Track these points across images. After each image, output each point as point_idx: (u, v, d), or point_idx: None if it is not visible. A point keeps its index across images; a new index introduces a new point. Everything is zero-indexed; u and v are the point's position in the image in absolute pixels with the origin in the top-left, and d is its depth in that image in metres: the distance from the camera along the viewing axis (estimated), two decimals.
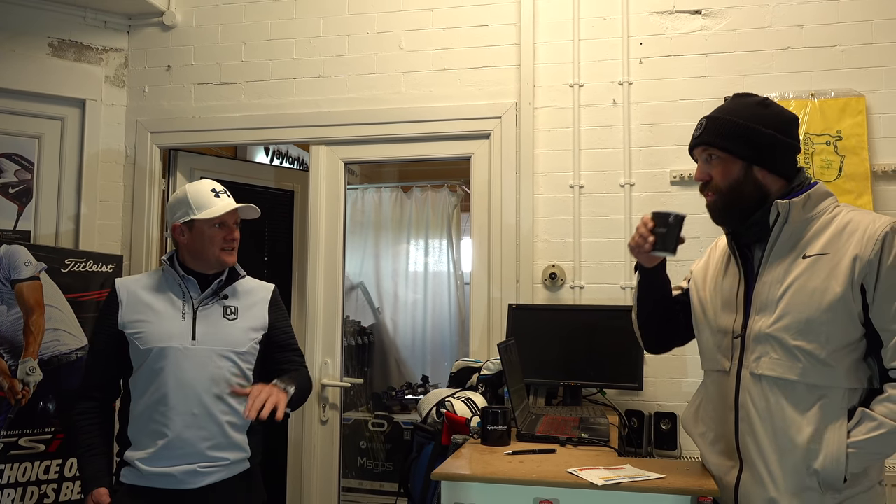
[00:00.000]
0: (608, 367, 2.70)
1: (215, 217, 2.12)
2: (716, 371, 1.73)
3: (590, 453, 1.95)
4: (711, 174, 1.66)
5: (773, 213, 1.62)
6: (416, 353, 5.15)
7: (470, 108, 3.13)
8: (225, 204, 2.15)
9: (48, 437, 2.88)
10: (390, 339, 5.17)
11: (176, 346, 2.06)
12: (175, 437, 2.01)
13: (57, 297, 2.95)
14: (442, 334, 5.16)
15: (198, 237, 2.13)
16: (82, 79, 3.40)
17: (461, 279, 5.27)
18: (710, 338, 1.76)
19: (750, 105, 1.66)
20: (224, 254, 2.15)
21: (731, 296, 1.70)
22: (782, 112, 1.68)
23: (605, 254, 2.97)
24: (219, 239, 2.13)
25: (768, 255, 1.64)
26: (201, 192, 2.16)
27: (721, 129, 1.64)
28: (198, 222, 2.12)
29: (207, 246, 2.13)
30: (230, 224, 2.16)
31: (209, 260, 2.15)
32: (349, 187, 4.60)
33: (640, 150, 2.97)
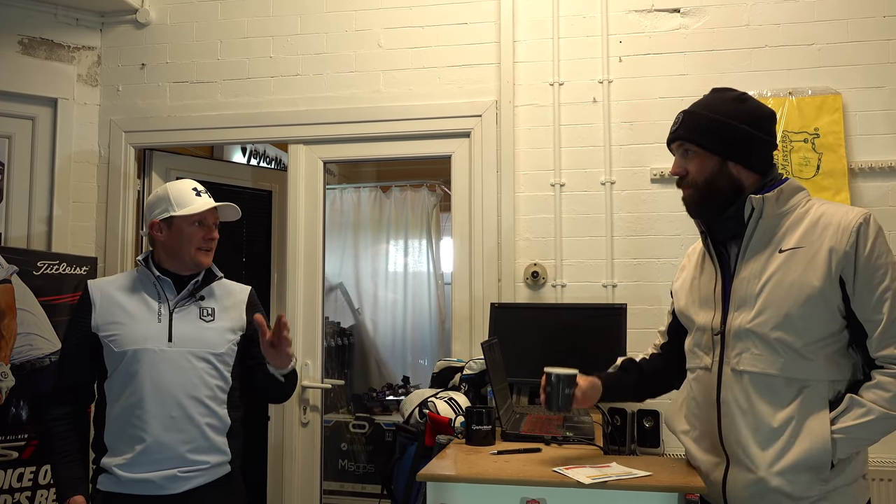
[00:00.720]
0: (591, 365, 2.67)
1: (196, 214, 2.07)
2: (698, 369, 1.73)
3: (575, 452, 1.94)
4: (688, 169, 1.67)
5: (748, 208, 1.62)
6: (397, 354, 5.12)
7: (450, 106, 3.11)
8: (205, 202, 2.11)
9: (21, 444, 2.81)
10: (370, 340, 5.14)
11: (152, 348, 2.01)
12: (153, 442, 1.97)
13: (29, 300, 2.88)
14: (422, 334, 5.14)
15: (176, 235, 2.09)
16: (54, 77, 3.33)
17: (441, 279, 5.26)
18: (691, 338, 1.76)
19: (727, 100, 1.67)
20: (200, 254, 2.11)
21: (708, 293, 1.71)
22: (759, 108, 1.68)
23: (587, 252, 2.97)
24: (197, 238, 2.09)
25: (744, 251, 1.64)
26: (182, 190, 2.12)
27: (697, 125, 1.65)
28: (177, 219, 2.08)
29: (185, 244, 2.09)
30: (209, 224, 2.13)
31: (185, 259, 2.10)
32: (327, 187, 4.57)
33: (621, 148, 2.98)
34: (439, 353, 5.19)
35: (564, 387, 1.75)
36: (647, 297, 2.90)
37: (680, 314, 1.83)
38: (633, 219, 2.95)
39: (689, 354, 1.79)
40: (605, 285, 2.94)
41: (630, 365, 1.97)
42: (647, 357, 1.97)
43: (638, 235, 2.94)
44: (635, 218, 2.95)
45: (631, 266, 2.94)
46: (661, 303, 2.89)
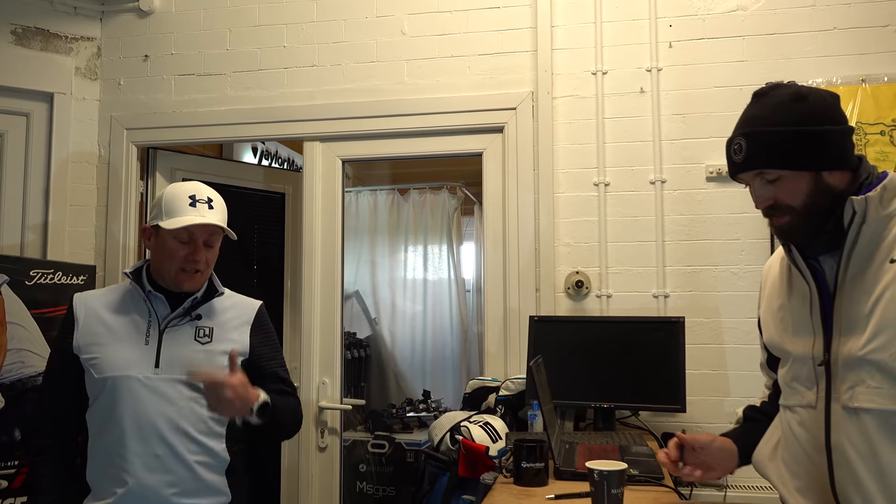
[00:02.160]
0: (645, 386, 2.40)
1: (179, 229, 1.78)
2: (798, 407, 1.44)
3: (643, 494, 1.65)
4: (776, 196, 1.38)
5: (849, 212, 1.34)
6: (416, 367, 4.83)
7: (481, 98, 2.82)
8: (193, 216, 1.78)
9: (12, 472, 2.55)
10: (388, 352, 4.85)
11: (135, 375, 1.74)
12: (136, 484, 1.70)
13: (21, 312, 2.63)
14: (443, 346, 4.84)
15: (160, 247, 1.82)
16: (50, 70, 3.07)
17: (463, 286, 4.97)
18: (787, 370, 1.48)
19: (785, 105, 1.36)
20: (182, 276, 1.81)
21: (803, 316, 1.42)
22: (822, 98, 1.38)
23: (635, 259, 2.68)
24: (179, 256, 1.79)
25: (846, 264, 1.36)
26: (177, 197, 1.82)
27: (771, 147, 1.35)
28: (162, 230, 1.80)
29: (166, 260, 1.81)
30: (198, 241, 1.81)
31: (165, 277, 1.83)
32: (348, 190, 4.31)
33: (672, 144, 2.68)
34: (461, 366, 4.90)
35: (611, 486, 1.49)
36: (703, 309, 2.60)
37: (771, 345, 1.54)
38: (687, 221, 2.65)
39: (785, 389, 1.50)
40: (655, 295, 2.64)
41: (753, 413, 1.66)
42: (766, 400, 1.67)
43: (692, 240, 2.64)
44: (689, 220, 2.65)
45: (685, 274, 2.64)
46: (720, 315, 2.59)
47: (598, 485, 1.50)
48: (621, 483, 1.50)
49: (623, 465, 1.52)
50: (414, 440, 3.92)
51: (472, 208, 5.29)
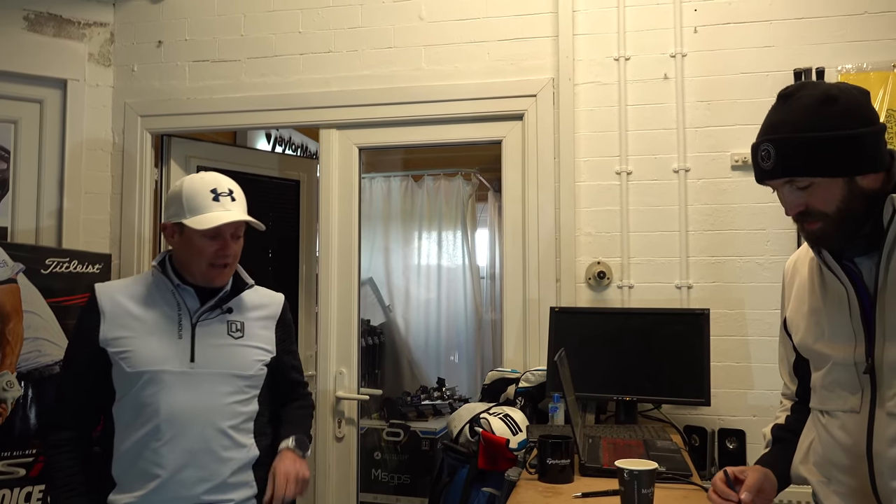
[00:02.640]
0: (668, 378, 2.36)
1: (206, 229, 1.74)
2: (840, 411, 1.40)
3: (671, 492, 1.62)
4: (808, 203, 1.32)
5: (888, 211, 1.29)
6: (430, 354, 4.82)
7: (500, 85, 2.77)
8: (220, 215, 1.75)
9: (29, 461, 2.54)
10: (402, 339, 4.83)
11: (170, 369, 1.72)
12: (169, 479, 1.68)
13: (37, 301, 2.61)
14: (458, 333, 4.83)
15: (186, 244, 1.78)
16: (63, 56, 3.03)
17: (477, 273, 4.94)
18: (825, 374, 1.43)
19: (815, 108, 1.29)
20: (213, 271, 1.78)
21: (842, 320, 1.38)
22: (853, 97, 1.31)
23: (658, 249, 2.63)
24: (209, 253, 1.76)
25: (886, 263, 1.31)
26: (198, 192, 1.78)
27: (802, 154, 1.29)
28: (188, 228, 1.76)
29: (195, 258, 1.77)
30: (226, 236, 1.78)
31: (194, 273, 1.79)
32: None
33: (696, 131, 2.62)
34: (476, 353, 4.88)
35: (641, 486, 1.46)
36: (727, 301, 2.56)
37: (803, 349, 1.50)
38: (711, 211, 2.60)
39: (822, 393, 1.45)
40: (678, 286, 2.60)
41: (782, 433, 1.61)
42: (790, 412, 1.62)
43: (716, 230, 2.59)
44: (713, 210, 2.60)
45: (708, 265, 2.59)
46: (744, 306, 2.55)
47: (628, 484, 1.47)
48: (651, 483, 1.47)
49: (654, 465, 1.49)
50: (429, 428, 3.91)
51: (486, 194, 5.25)
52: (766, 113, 2.56)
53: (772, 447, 1.59)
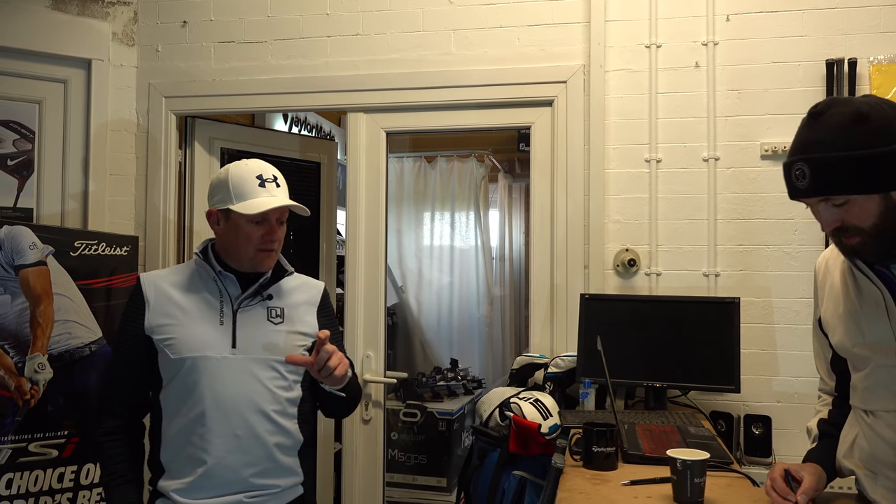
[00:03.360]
0: (697, 365, 2.40)
1: (254, 214, 1.76)
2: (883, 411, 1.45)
3: (714, 480, 1.65)
4: (844, 219, 1.35)
5: None
6: (443, 335, 4.85)
7: (530, 71, 2.77)
8: (266, 201, 1.77)
9: (61, 442, 2.57)
10: (414, 320, 4.87)
11: (213, 355, 1.74)
12: (216, 464, 1.71)
13: (66, 283, 2.62)
14: (470, 314, 4.86)
15: (233, 230, 1.80)
16: (87, 36, 3.00)
17: (489, 254, 4.97)
18: (866, 375, 1.47)
19: (847, 127, 1.30)
20: (260, 255, 1.80)
21: (881, 322, 1.42)
22: (883, 112, 1.32)
23: (686, 237, 2.65)
24: (255, 238, 1.78)
25: None
26: (244, 179, 1.79)
27: (837, 174, 1.31)
28: (234, 214, 1.77)
29: (242, 243, 1.79)
30: (272, 221, 1.80)
31: (241, 259, 1.81)
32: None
33: (727, 120, 2.64)
34: (487, 334, 4.92)
35: (694, 476, 1.50)
36: (754, 289, 2.59)
37: (842, 350, 1.54)
38: (740, 200, 2.62)
39: (864, 393, 1.49)
40: (706, 274, 2.62)
41: (827, 428, 1.64)
42: (831, 406, 1.66)
43: (745, 219, 2.61)
44: (742, 199, 2.62)
45: (736, 253, 2.62)
46: (771, 295, 2.58)
47: (680, 474, 1.50)
48: (703, 472, 1.51)
49: (705, 455, 1.52)
50: (445, 409, 3.96)
51: (497, 175, 5.26)
52: (796, 103, 2.59)
53: (819, 442, 1.63)
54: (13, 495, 2.45)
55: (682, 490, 1.50)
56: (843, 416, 1.60)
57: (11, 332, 2.49)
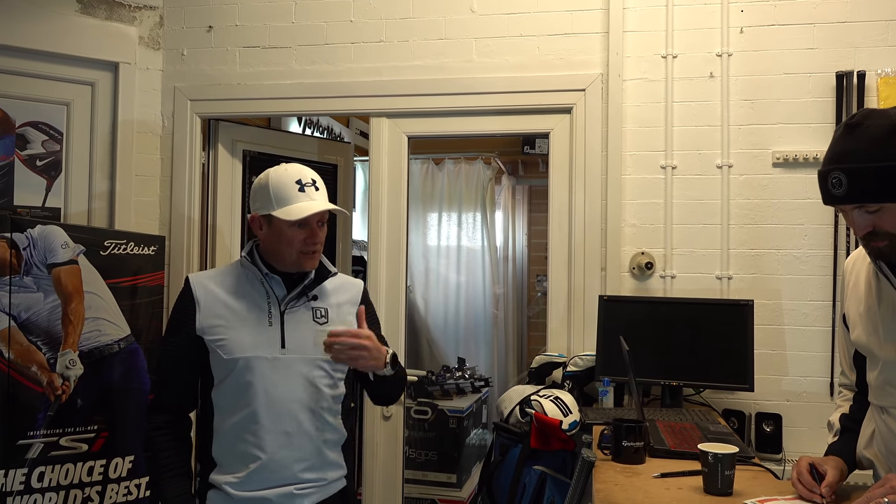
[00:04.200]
0: (712, 365, 2.49)
1: (295, 220, 1.83)
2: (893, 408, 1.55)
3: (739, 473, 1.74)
4: (875, 224, 1.44)
5: None
6: (449, 334, 4.93)
7: (550, 79, 2.86)
8: (307, 206, 1.84)
9: (91, 436, 2.62)
10: (421, 319, 4.94)
11: (264, 355, 1.81)
12: (268, 460, 1.79)
13: (96, 282, 2.67)
14: (476, 313, 4.94)
15: (275, 235, 1.87)
16: (114, 39, 3.06)
17: (495, 255, 5.05)
18: (878, 373, 1.57)
19: (885, 138, 1.39)
20: (304, 257, 1.87)
21: (894, 324, 1.52)
22: None
23: (699, 241, 2.75)
24: (298, 241, 1.85)
25: None
26: (284, 184, 1.86)
27: (874, 183, 1.40)
28: (276, 219, 1.85)
29: (284, 247, 1.86)
30: (313, 224, 1.87)
31: (286, 261, 1.88)
32: (361, 159, 4.34)
33: (740, 129, 2.74)
34: (493, 334, 5.01)
35: (725, 468, 1.59)
36: (765, 292, 2.69)
37: (858, 345, 1.63)
38: (752, 206, 2.72)
39: (876, 390, 1.60)
40: (718, 277, 2.72)
41: (848, 423, 1.74)
42: (852, 402, 1.76)
43: (757, 224, 2.71)
44: (754, 205, 2.72)
45: (748, 257, 2.72)
46: (781, 297, 2.68)
47: (711, 466, 1.59)
48: (733, 465, 1.60)
49: (735, 449, 1.61)
50: (455, 407, 4.04)
51: (501, 177, 5.35)
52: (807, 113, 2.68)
53: (840, 436, 1.72)
54: (45, 488, 2.51)
55: (714, 481, 1.59)
56: (862, 411, 1.69)
57: (44, 329, 2.54)
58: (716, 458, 1.59)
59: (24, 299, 2.51)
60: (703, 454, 1.61)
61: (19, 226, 2.53)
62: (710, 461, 1.59)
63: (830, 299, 2.64)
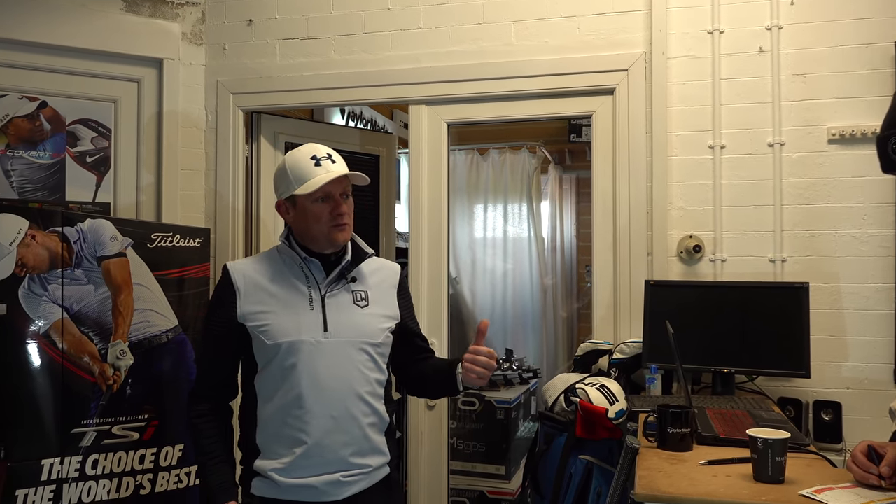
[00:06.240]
0: (766, 351, 2.39)
1: (316, 191, 1.80)
2: None
3: (793, 461, 1.66)
4: None
5: None
6: (497, 325, 4.89)
7: (591, 60, 2.78)
8: (325, 174, 1.81)
9: (142, 425, 2.68)
10: (468, 311, 4.92)
11: (308, 339, 1.79)
12: (314, 445, 1.76)
13: (144, 274, 2.73)
14: (524, 304, 4.89)
15: (302, 215, 1.84)
16: (158, 36, 3.12)
17: (542, 245, 4.99)
18: None
19: None
20: (335, 231, 1.84)
21: None
22: None
23: (750, 223, 2.64)
24: (325, 216, 1.82)
25: None
26: (299, 162, 1.84)
27: None
28: (299, 198, 1.82)
29: (313, 224, 1.84)
30: (336, 196, 1.84)
31: (318, 239, 1.86)
32: (404, 151, 4.31)
33: (792, 105, 2.62)
34: (541, 325, 4.95)
35: (775, 454, 1.51)
36: (822, 274, 2.57)
37: None
38: (807, 185, 2.60)
39: None
40: (772, 260, 2.61)
41: None
42: None
43: (812, 204, 2.59)
44: (809, 184, 2.60)
45: (803, 238, 2.60)
46: (839, 280, 2.56)
47: (761, 453, 1.52)
48: (784, 451, 1.52)
49: (786, 434, 1.54)
50: (502, 398, 4.00)
51: (548, 167, 5.27)
52: (864, 85, 2.55)
53: None
54: (98, 475, 2.57)
55: (764, 468, 1.51)
56: None
57: (95, 321, 2.60)
58: (765, 444, 1.51)
59: (75, 291, 2.58)
60: (753, 440, 1.54)
61: (70, 220, 2.60)
62: (759, 447, 1.52)
63: (893, 281, 2.51)
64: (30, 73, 2.90)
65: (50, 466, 2.46)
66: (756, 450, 1.53)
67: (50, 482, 2.46)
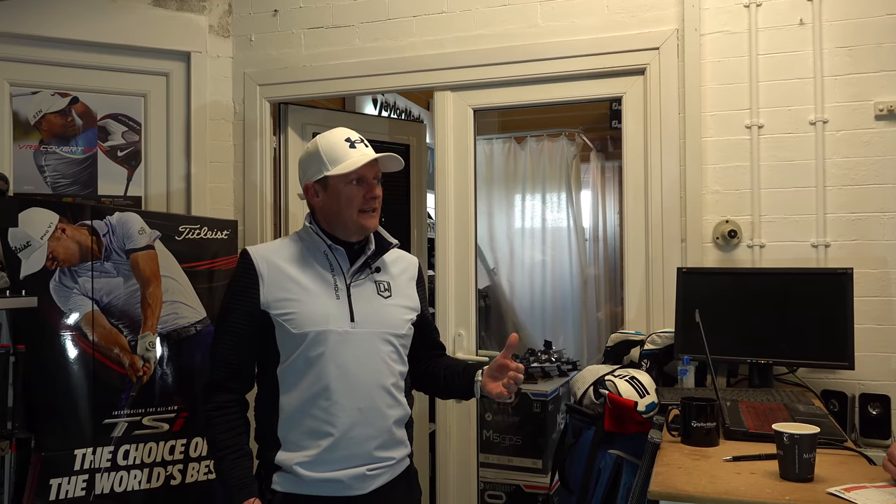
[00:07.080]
0: (806, 341, 2.26)
1: (352, 172, 1.76)
2: None
3: (826, 458, 1.55)
4: None
5: None
6: (536, 317, 4.80)
7: (620, 39, 2.68)
8: (361, 155, 1.77)
9: (171, 416, 2.70)
10: (507, 302, 4.84)
11: (335, 329, 1.73)
12: (341, 437, 1.71)
13: (172, 266, 2.75)
14: (563, 295, 4.79)
15: (333, 197, 1.78)
16: (186, 29, 3.13)
17: (582, 235, 4.87)
18: None
19: None
20: (364, 217, 1.79)
21: None
22: None
23: (791, 206, 2.50)
24: (358, 199, 1.77)
25: None
26: (334, 143, 1.80)
27: None
28: (332, 179, 1.77)
29: (344, 208, 1.78)
30: (370, 180, 1.79)
31: (347, 224, 1.80)
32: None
33: (836, 80, 2.46)
34: (581, 316, 4.84)
35: (802, 450, 1.41)
36: (869, 260, 2.41)
37: None
38: (852, 165, 2.45)
39: None
40: (814, 245, 2.47)
41: None
42: None
43: (858, 185, 2.44)
44: (854, 164, 2.44)
45: (848, 222, 2.45)
46: (888, 265, 2.40)
47: (787, 449, 1.42)
48: (813, 447, 1.42)
49: (815, 429, 1.43)
50: (539, 391, 3.91)
51: (589, 155, 5.14)
52: None
53: None
54: (130, 465, 2.60)
55: (790, 466, 1.41)
56: None
57: (124, 312, 2.63)
58: (792, 440, 1.41)
59: (105, 284, 2.61)
60: (778, 435, 1.43)
61: (99, 213, 2.63)
62: (785, 443, 1.42)
63: None
64: (61, 69, 2.94)
65: (82, 456, 2.50)
66: (782, 446, 1.43)
67: (83, 472, 2.50)
